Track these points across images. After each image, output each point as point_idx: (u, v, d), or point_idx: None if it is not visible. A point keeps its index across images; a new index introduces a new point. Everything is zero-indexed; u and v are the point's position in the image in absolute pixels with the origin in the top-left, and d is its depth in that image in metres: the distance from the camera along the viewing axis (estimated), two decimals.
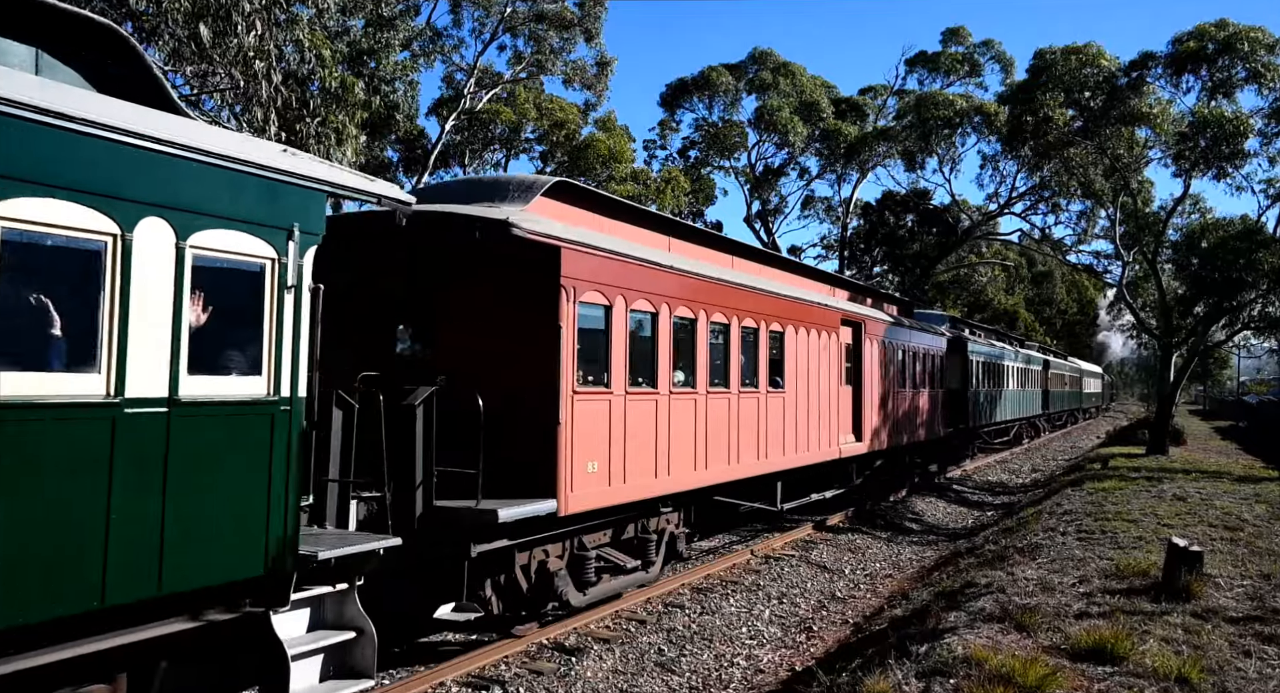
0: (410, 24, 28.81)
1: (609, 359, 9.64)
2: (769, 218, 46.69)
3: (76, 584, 4.69)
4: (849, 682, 7.04)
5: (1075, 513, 14.82)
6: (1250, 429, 49.29)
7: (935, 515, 20.58)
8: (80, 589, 4.70)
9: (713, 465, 11.74)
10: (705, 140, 43.88)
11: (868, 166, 43.40)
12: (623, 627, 10.34)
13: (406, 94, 26.87)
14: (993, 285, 51.66)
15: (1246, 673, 6.60)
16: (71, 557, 4.68)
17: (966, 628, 7.76)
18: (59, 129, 4.65)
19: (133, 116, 5.09)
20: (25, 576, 4.51)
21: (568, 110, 35.08)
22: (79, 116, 4.72)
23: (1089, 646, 6.83)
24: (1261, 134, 24.62)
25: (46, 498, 4.59)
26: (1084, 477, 21.43)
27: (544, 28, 33.00)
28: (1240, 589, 9.11)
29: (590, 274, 9.25)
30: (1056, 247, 41.02)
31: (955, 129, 38.27)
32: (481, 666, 8.67)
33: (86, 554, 4.72)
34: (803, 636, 10.79)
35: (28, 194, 4.56)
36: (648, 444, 10.26)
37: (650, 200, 34.55)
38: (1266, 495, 16.66)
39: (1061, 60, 25.57)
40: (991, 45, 43.11)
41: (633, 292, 10.00)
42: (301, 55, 19.92)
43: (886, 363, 18.95)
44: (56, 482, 4.62)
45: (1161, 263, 26.93)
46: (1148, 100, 24.78)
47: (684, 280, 11.18)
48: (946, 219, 45.30)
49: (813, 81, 42.97)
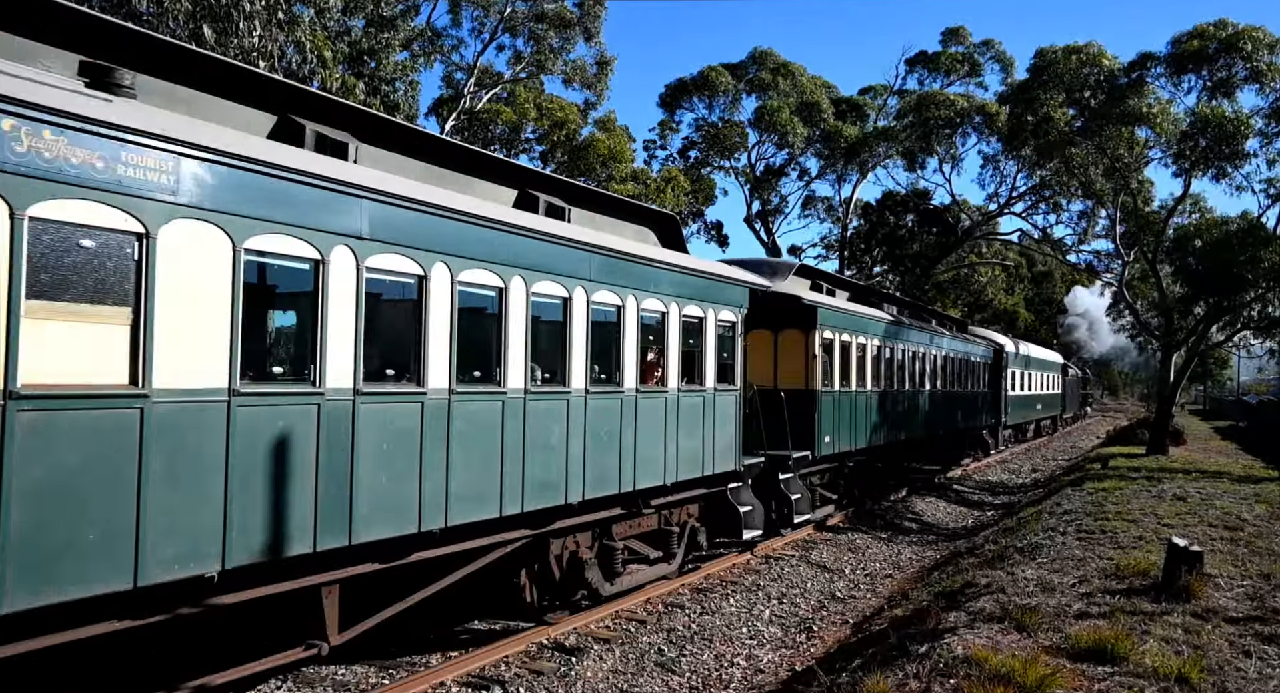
0: (410, 24, 28.83)
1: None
2: (769, 218, 46.73)
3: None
4: (849, 682, 7.04)
5: (1075, 513, 14.83)
6: (1250, 429, 49.27)
7: (935, 515, 20.59)
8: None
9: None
10: (705, 140, 43.90)
11: (868, 167, 43.42)
12: (623, 627, 10.34)
13: (407, 94, 26.91)
14: (993, 285, 51.65)
15: (1246, 673, 6.60)
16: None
17: (966, 628, 7.76)
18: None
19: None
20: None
21: (568, 110, 35.06)
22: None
23: (1089, 646, 6.83)
24: (1261, 134, 24.61)
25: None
26: (1084, 477, 21.43)
27: (544, 27, 33.02)
28: (1240, 589, 9.11)
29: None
30: (1056, 246, 41.02)
31: (955, 129, 38.30)
32: (481, 665, 8.68)
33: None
34: (803, 636, 10.79)
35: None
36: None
37: (650, 200, 34.54)
38: (1266, 496, 16.66)
39: (1062, 60, 25.58)
40: (992, 45, 43.15)
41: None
42: (303, 56, 19.94)
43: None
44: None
45: (1160, 262, 26.91)
46: (1148, 100, 24.78)
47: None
48: (946, 219, 45.31)
49: (813, 82, 42.99)
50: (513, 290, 8.48)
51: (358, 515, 6.84)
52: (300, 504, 6.41)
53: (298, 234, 6.40)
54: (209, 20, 16.81)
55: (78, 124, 5.04)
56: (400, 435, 7.25)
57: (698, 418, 11.76)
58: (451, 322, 7.74)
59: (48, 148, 4.93)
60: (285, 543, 6.32)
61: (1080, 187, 29.28)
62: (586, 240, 9.52)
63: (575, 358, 9.38)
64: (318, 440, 6.53)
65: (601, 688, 8.48)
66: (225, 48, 17.36)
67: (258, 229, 6.10)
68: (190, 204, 5.69)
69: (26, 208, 4.85)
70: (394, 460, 7.16)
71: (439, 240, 7.64)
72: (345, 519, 6.75)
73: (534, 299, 8.73)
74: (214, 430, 5.86)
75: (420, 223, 7.41)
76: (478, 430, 8.06)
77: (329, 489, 6.61)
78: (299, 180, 6.36)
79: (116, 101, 5.48)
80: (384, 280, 7.28)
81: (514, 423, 8.47)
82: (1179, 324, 26.50)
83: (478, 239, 8.03)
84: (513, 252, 8.46)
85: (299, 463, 6.41)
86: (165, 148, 5.50)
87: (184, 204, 5.66)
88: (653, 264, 10.76)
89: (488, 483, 8.17)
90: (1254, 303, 24.54)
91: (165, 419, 5.55)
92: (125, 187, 5.31)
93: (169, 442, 5.57)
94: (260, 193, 6.12)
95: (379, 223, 7.02)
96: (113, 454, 5.28)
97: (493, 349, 8.34)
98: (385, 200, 7.06)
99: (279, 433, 6.29)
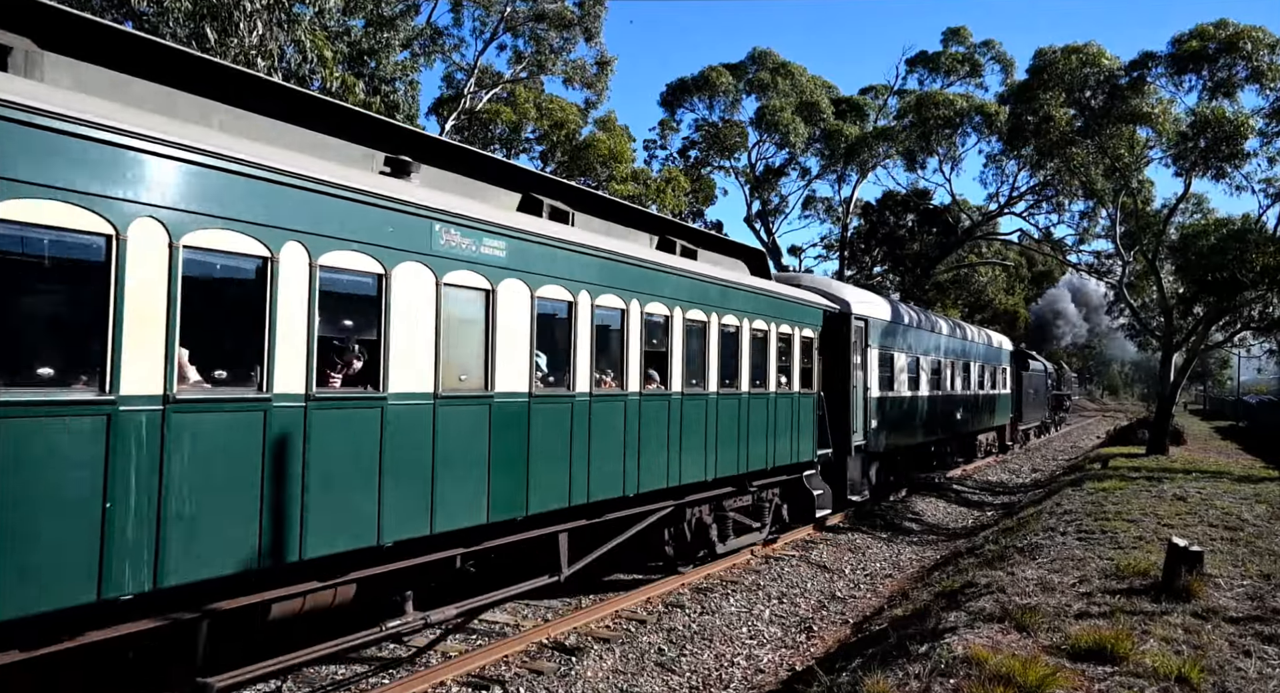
0: (410, 24, 28.79)
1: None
2: (769, 218, 46.68)
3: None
4: (849, 682, 7.03)
5: (1075, 513, 14.82)
6: (1250, 429, 49.27)
7: (935, 515, 20.58)
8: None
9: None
10: (705, 140, 43.86)
11: (868, 167, 43.36)
12: (623, 627, 10.34)
13: (407, 94, 26.88)
14: (993, 285, 51.61)
15: (1247, 673, 6.59)
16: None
17: (966, 628, 7.76)
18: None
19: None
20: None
21: (568, 110, 35.03)
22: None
23: (1089, 646, 6.82)
24: (1261, 134, 24.61)
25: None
26: (1084, 477, 21.42)
27: (544, 27, 32.99)
28: (1240, 589, 9.11)
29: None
30: (1057, 246, 40.96)
31: (955, 129, 38.22)
32: (481, 665, 8.67)
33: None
34: (803, 635, 10.79)
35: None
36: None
37: (650, 200, 34.54)
38: (1266, 495, 16.65)
39: (1062, 59, 25.57)
40: (992, 45, 43.06)
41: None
42: (303, 55, 19.93)
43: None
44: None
45: (1162, 260, 26.90)
46: (1148, 100, 24.78)
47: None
48: (946, 219, 45.26)
49: (813, 82, 42.93)
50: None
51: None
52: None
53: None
54: (209, 20, 16.79)
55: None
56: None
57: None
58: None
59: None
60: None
61: (1081, 186, 29.26)
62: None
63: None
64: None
65: (601, 688, 8.48)
66: (225, 48, 17.35)
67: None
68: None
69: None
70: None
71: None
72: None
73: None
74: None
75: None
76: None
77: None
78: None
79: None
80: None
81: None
82: (1179, 324, 26.49)
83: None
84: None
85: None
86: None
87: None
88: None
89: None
90: (1254, 303, 24.54)
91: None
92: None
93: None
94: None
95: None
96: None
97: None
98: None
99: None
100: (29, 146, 4.96)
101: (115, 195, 5.35)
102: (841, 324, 17.26)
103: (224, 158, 5.92)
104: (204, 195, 5.84)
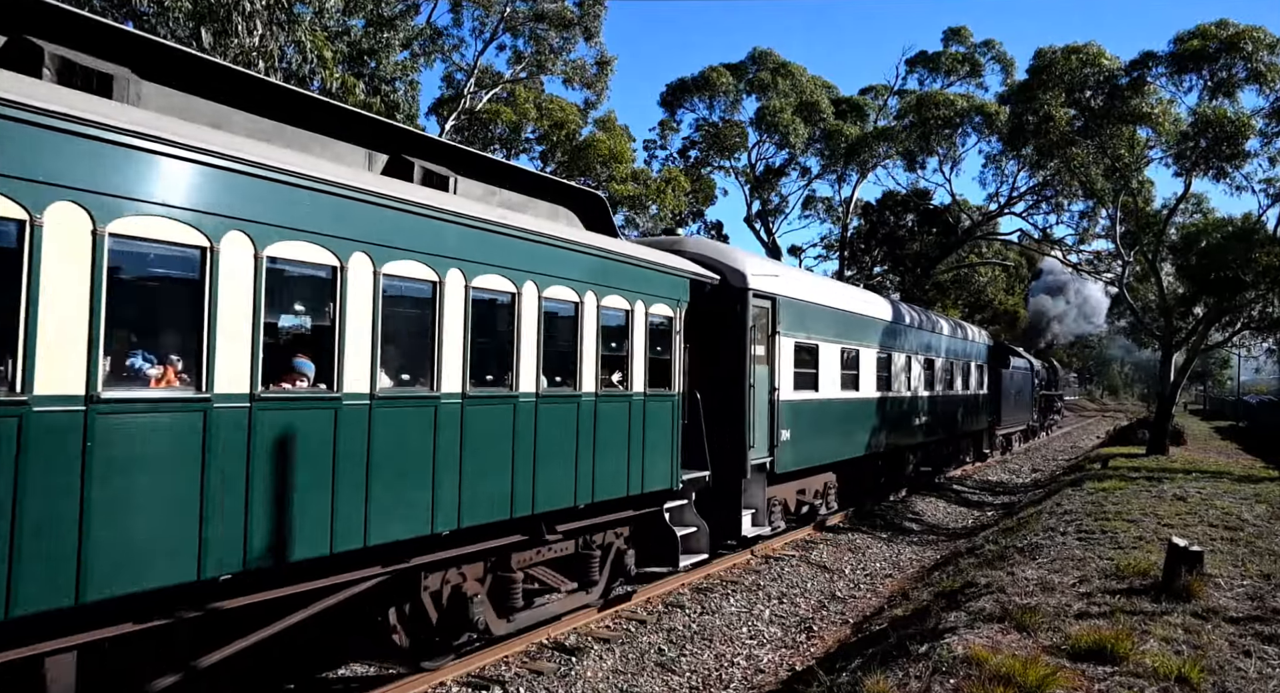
0: (410, 24, 28.79)
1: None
2: (769, 218, 46.69)
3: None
4: (849, 682, 7.03)
5: (1075, 513, 14.82)
6: (1250, 429, 49.27)
7: (935, 515, 20.58)
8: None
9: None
10: (705, 140, 43.86)
11: (868, 167, 43.35)
12: (623, 627, 10.34)
13: (407, 94, 26.88)
14: (993, 285, 51.60)
15: (1247, 673, 6.59)
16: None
17: (967, 628, 7.76)
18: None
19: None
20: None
21: (568, 110, 35.03)
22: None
23: (1089, 646, 6.82)
24: (1262, 134, 24.61)
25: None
26: (1084, 477, 21.42)
27: (544, 27, 32.99)
28: (1240, 589, 9.11)
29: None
30: (1057, 246, 40.97)
31: (955, 129, 38.21)
32: (481, 666, 8.67)
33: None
34: (803, 635, 10.79)
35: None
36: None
37: (650, 201, 34.55)
38: (1266, 496, 16.65)
39: (1062, 59, 25.57)
40: (992, 45, 43.07)
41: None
42: (303, 55, 19.93)
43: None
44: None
45: (1162, 260, 26.90)
46: (1149, 100, 24.78)
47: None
48: (947, 219, 45.25)
49: (813, 82, 42.93)
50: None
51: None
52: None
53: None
54: (208, 21, 16.79)
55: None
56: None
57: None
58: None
59: None
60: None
61: (1081, 187, 29.27)
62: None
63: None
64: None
65: (601, 688, 8.48)
66: (224, 48, 17.35)
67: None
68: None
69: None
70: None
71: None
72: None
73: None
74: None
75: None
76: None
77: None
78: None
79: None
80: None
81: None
82: (1179, 324, 26.49)
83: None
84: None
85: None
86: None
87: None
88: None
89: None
90: (1254, 303, 24.55)
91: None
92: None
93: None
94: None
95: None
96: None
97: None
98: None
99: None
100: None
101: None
102: (733, 302, 12.93)
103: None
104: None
